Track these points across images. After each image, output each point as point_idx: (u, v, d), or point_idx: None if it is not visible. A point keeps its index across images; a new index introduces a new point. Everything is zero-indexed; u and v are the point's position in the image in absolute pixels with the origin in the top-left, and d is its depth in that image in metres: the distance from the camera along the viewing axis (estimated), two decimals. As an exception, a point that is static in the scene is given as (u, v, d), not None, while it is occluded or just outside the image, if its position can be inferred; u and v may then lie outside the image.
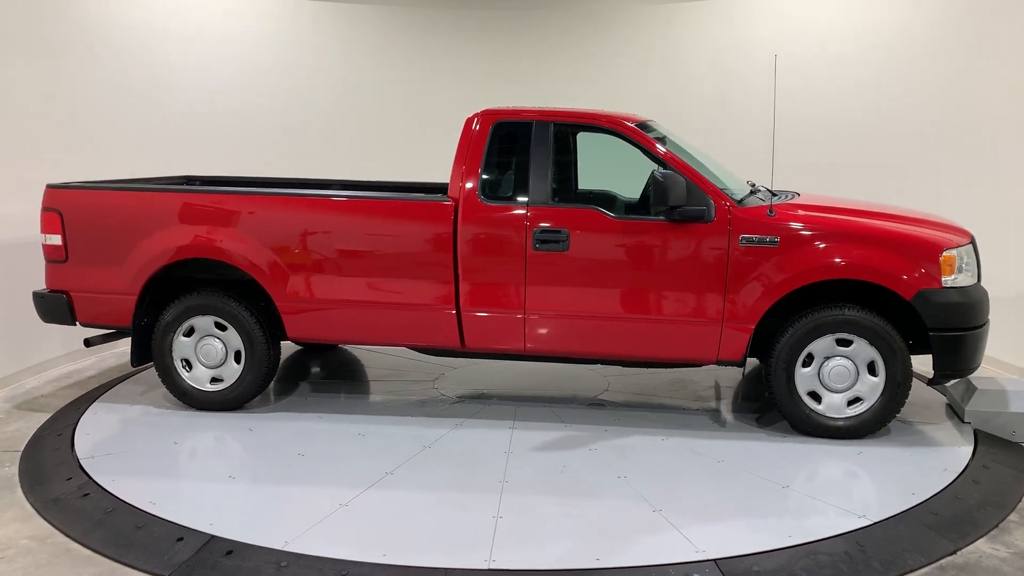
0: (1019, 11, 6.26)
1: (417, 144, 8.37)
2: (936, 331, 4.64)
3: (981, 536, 3.70)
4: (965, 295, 4.71)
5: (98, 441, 4.71)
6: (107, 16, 6.89)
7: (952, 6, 6.84)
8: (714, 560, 3.39)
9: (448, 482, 4.20)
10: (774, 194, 5.24)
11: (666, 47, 8.78)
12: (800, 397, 4.81)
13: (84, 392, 5.65)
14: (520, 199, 4.94)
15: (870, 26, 7.47)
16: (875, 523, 3.74)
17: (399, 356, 6.37)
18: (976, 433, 4.92)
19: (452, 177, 4.98)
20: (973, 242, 4.97)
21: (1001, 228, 6.23)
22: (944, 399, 5.56)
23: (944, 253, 4.69)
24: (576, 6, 8.85)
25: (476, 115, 5.08)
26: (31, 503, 3.96)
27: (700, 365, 5.20)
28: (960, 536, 3.68)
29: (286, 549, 3.46)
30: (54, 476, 4.26)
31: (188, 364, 5.15)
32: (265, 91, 8.14)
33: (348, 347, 6.68)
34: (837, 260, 4.67)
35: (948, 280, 4.66)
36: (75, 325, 5.22)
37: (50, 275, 5.19)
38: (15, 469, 4.37)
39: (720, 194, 4.81)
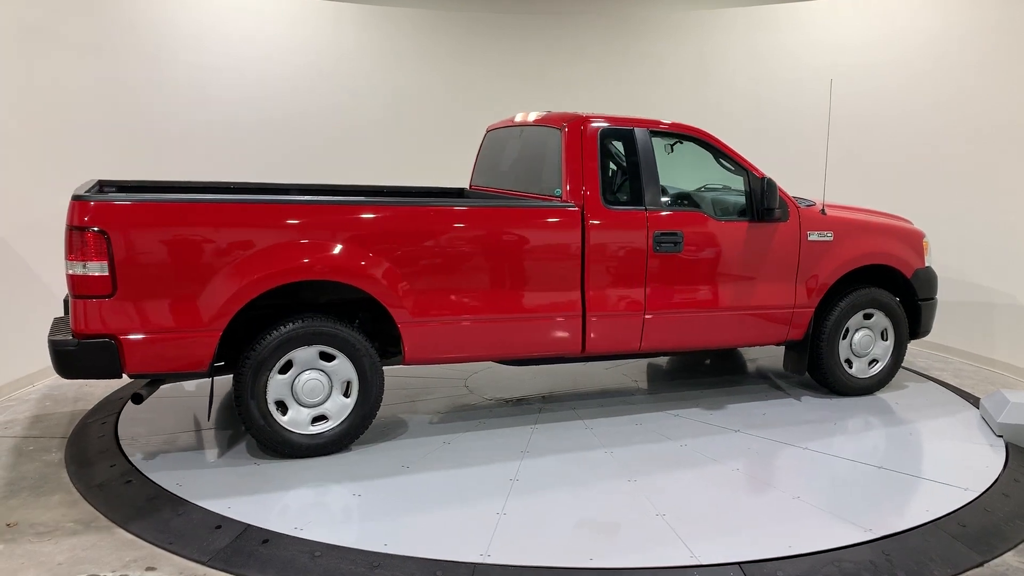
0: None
1: (449, 148, 8.48)
2: (922, 300, 5.96)
3: (1009, 549, 3.69)
4: (933, 272, 6.06)
5: (140, 430, 4.84)
6: (157, 16, 7.10)
7: (996, 15, 6.79)
8: (738, 564, 3.42)
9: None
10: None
11: (703, 54, 8.80)
12: (841, 364, 5.75)
13: (128, 382, 5.81)
14: (638, 204, 5.05)
15: (910, 33, 7.42)
16: (901, 532, 3.74)
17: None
18: (1008, 446, 4.89)
19: (570, 183, 4.92)
20: None
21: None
22: (977, 412, 5.52)
23: (924, 240, 6.02)
24: (615, 13, 8.90)
25: (579, 121, 5.05)
26: (76, 488, 4.10)
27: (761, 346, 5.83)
28: (988, 548, 3.67)
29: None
30: (98, 462, 4.41)
31: (281, 406, 4.44)
32: (293, 97, 8.18)
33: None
34: (872, 250, 5.72)
35: (927, 260, 6.01)
36: (120, 377, 4.17)
37: (86, 315, 3.98)
38: (61, 455, 4.54)
39: (790, 197, 5.49)
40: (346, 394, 4.53)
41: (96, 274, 3.95)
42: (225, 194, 5.31)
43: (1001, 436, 5.00)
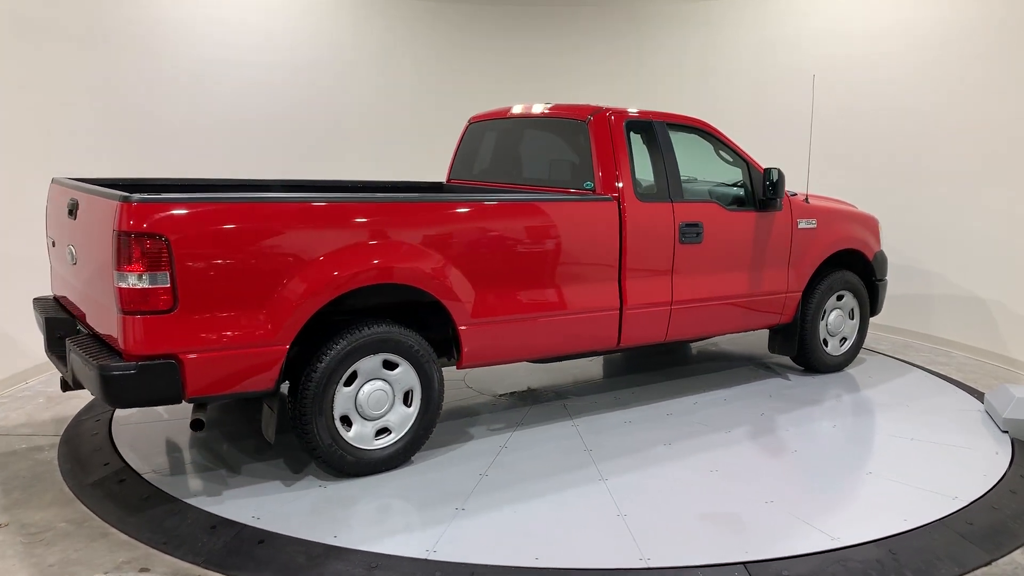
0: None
1: (444, 141, 8.40)
2: (878, 280, 6.39)
3: (1018, 547, 3.63)
4: (885, 255, 6.48)
5: (135, 429, 4.78)
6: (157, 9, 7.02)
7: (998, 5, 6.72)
8: (743, 563, 3.36)
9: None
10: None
11: (704, 45, 8.74)
12: (820, 344, 6.14)
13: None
14: (665, 195, 5.08)
15: (912, 23, 7.34)
16: (908, 531, 3.69)
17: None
18: (1014, 443, 4.83)
19: (603, 175, 4.86)
20: None
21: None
22: (981, 406, 5.47)
23: (879, 225, 6.43)
24: (607, 3, 8.83)
25: (604, 113, 4.98)
26: (70, 487, 4.03)
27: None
28: (995, 546, 3.62)
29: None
30: (92, 461, 4.34)
31: (345, 422, 4.12)
32: (285, 94, 8.05)
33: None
34: (846, 235, 6.09)
35: (881, 244, 6.43)
36: (180, 403, 3.66)
37: (142, 334, 3.47)
38: (54, 454, 4.47)
39: None
40: (406, 403, 4.29)
41: (156, 286, 3.46)
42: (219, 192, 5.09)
43: (1007, 432, 4.94)
